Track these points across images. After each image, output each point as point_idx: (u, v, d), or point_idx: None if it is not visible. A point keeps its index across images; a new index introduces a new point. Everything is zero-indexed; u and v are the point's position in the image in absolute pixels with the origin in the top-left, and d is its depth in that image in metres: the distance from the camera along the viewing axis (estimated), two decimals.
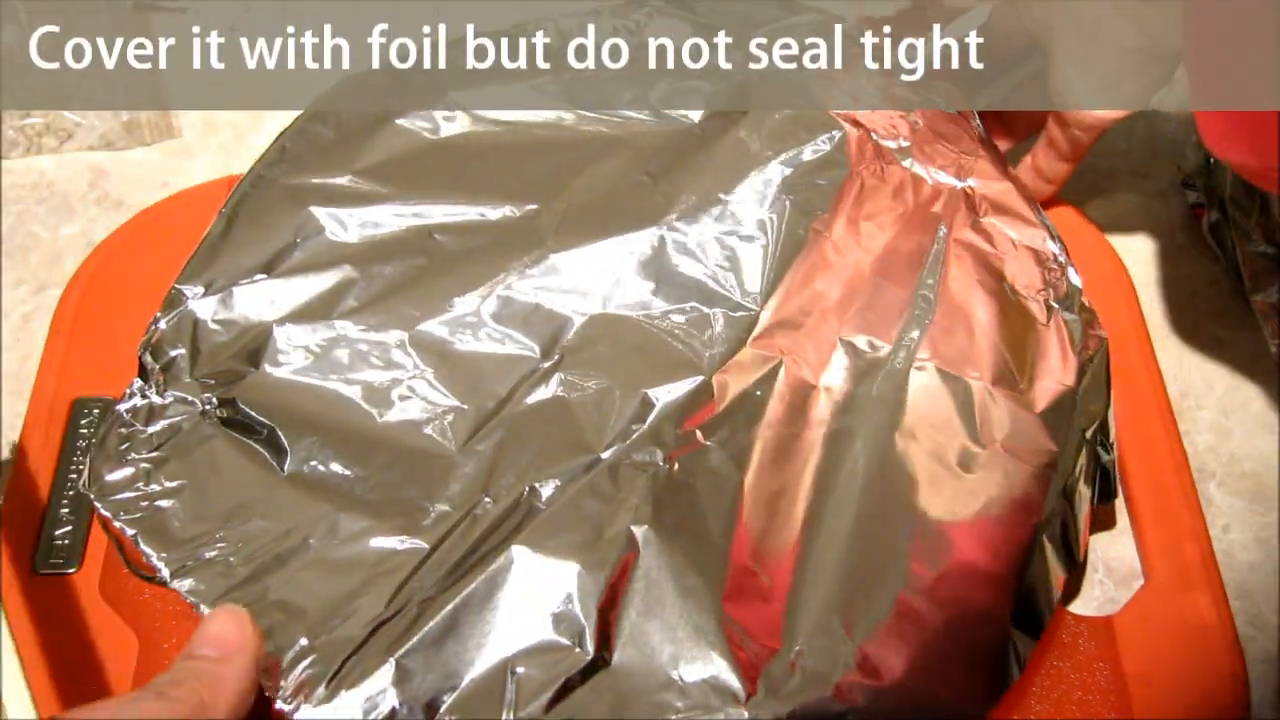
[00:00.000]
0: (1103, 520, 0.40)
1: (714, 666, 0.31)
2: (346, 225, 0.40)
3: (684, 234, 0.40)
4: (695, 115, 0.44)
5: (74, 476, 0.39)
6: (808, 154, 0.42)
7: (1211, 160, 0.48)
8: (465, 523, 0.34)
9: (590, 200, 0.41)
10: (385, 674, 0.31)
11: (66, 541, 0.38)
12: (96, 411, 0.41)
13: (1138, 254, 0.49)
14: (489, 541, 0.33)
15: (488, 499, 0.34)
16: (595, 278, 0.39)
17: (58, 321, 0.44)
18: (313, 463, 0.35)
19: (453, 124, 0.43)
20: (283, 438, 0.35)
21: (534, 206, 0.41)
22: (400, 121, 0.43)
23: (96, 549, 0.38)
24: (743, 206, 0.41)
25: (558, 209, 0.41)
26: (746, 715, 0.31)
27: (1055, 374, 0.37)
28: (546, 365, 0.37)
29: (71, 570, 0.37)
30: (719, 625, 0.32)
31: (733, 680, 0.31)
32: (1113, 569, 0.40)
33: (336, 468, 0.35)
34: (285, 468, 0.35)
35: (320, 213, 0.40)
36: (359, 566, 0.33)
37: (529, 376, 0.37)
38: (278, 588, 0.32)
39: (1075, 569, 0.36)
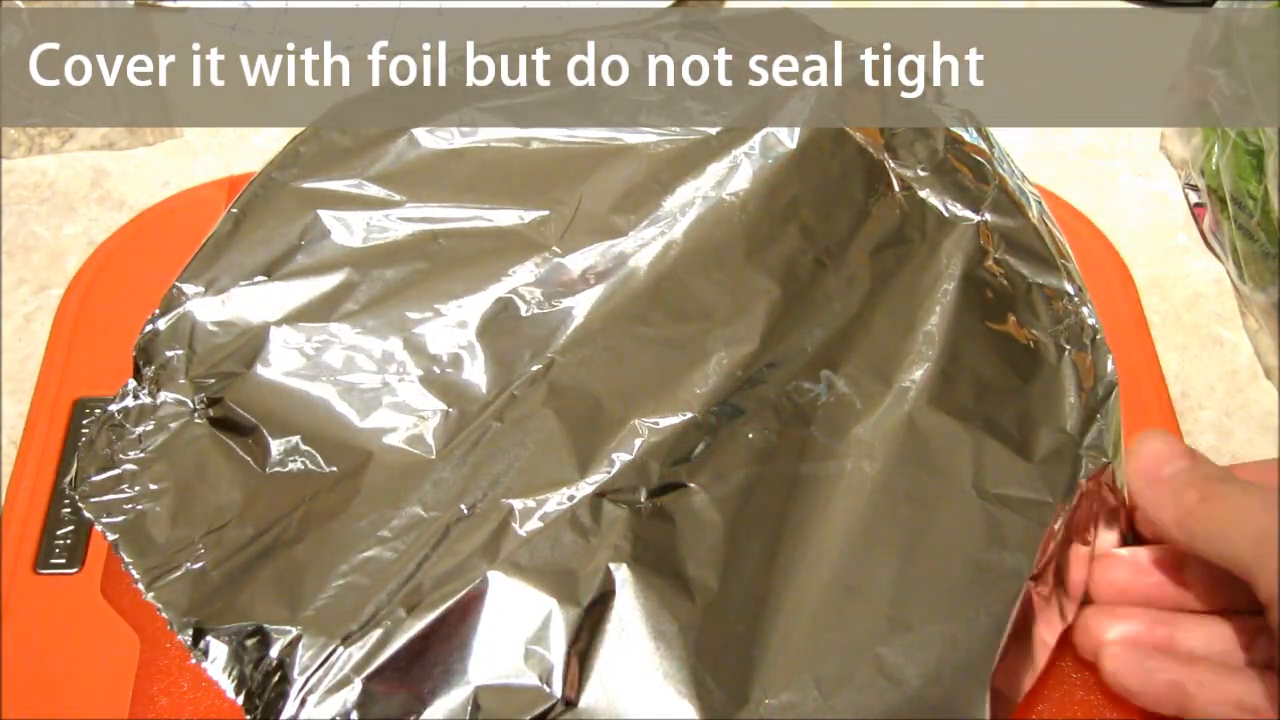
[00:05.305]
0: None
1: (681, 715, 0.31)
2: (352, 229, 0.40)
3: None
4: (713, 130, 0.43)
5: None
6: (824, 177, 0.42)
7: (1214, 161, 0.48)
8: (438, 532, 0.33)
9: (598, 206, 0.41)
10: (350, 695, 0.30)
11: (68, 542, 0.38)
12: (98, 412, 0.41)
13: (1139, 254, 0.49)
14: (463, 562, 0.33)
15: (463, 507, 0.34)
16: (597, 284, 0.39)
17: (59, 321, 0.44)
18: (291, 464, 0.35)
19: (470, 137, 0.43)
20: (267, 437, 0.35)
21: (544, 213, 0.41)
22: (417, 132, 0.43)
23: (98, 549, 0.38)
24: None
25: (565, 215, 0.41)
26: None
27: (1058, 420, 0.36)
28: (536, 369, 0.37)
29: (73, 570, 0.37)
30: (689, 673, 0.31)
31: None
32: None
33: (315, 469, 0.35)
34: (266, 469, 0.35)
35: (327, 216, 0.40)
36: (330, 573, 0.33)
37: (518, 383, 0.37)
38: (249, 597, 0.32)
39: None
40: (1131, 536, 0.36)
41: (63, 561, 0.38)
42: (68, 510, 0.39)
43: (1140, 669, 0.33)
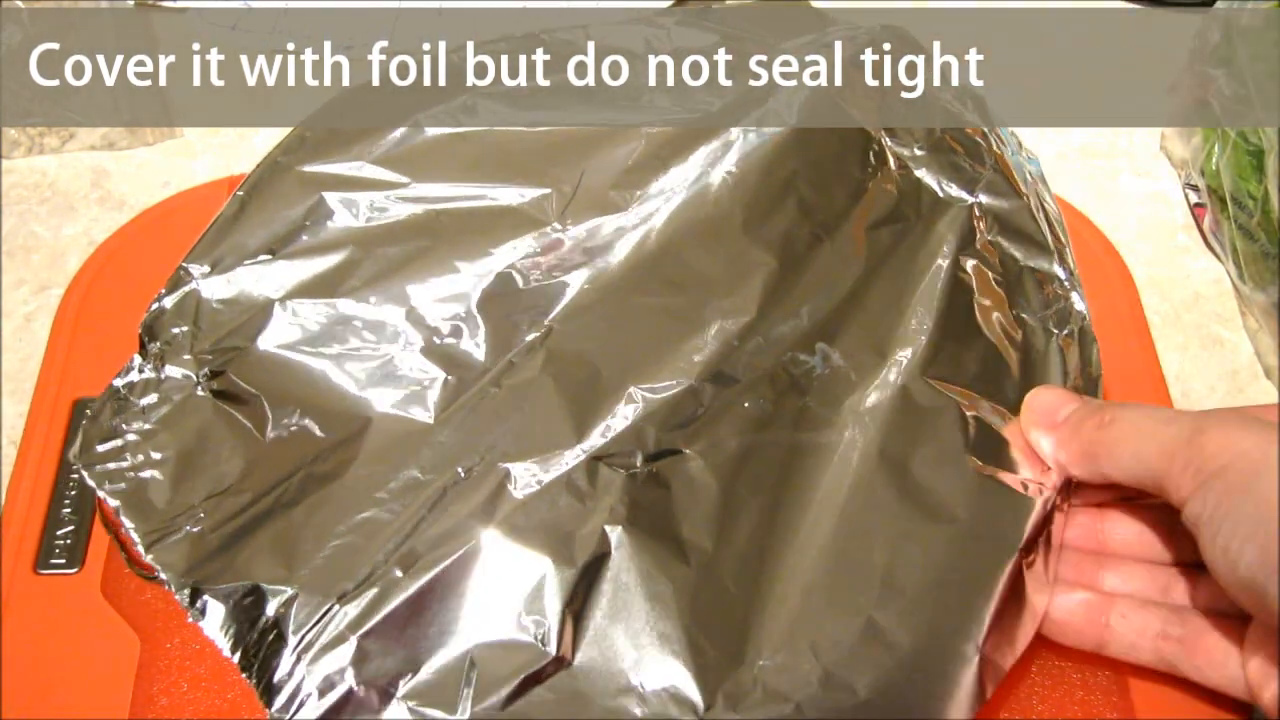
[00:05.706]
0: None
1: (675, 675, 0.31)
2: (357, 210, 0.41)
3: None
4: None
5: (75, 477, 0.39)
6: (822, 154, 0.42)
7: (1214, 161, 0.48)
8: (435, 495, 0.34)
9: (599, 184, 0.41)
10: (345, 652, 0.31)
11: (68, 542, 0.38)
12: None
13: (1139, 254, 0.49)
14: (459, 523, 0.33)
15: (460, 470, 0.34)
16: (596, 257, 0.39)
17: (59, 321, 0.44)
18: (292, 431, 0.35)
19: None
20: (267, 407, 0.36)
21: (545, 191, 0.41)
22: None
23: (98, 549, 0.38)
24: None
25: (566, 192, 0.41)
26: None
27: None
28: (534, 337, 0.37)
29: (73, 570, 0.37)
30: (684, 634, 0.32)
31: (692, 691, 0.31)
32: None
33: (315, 435, 0.35)
34: (267, 436, 0.35)
35: (332, 197, 0.41)
36: (327, 534, 0.33)
37: (516, 351, 0.37)
38: (247, 558, 0.32)
39: None
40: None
41: (63, 561, 0.38)
42: (68, 510, 0.39)
43: (1062, 603, 0.34)
